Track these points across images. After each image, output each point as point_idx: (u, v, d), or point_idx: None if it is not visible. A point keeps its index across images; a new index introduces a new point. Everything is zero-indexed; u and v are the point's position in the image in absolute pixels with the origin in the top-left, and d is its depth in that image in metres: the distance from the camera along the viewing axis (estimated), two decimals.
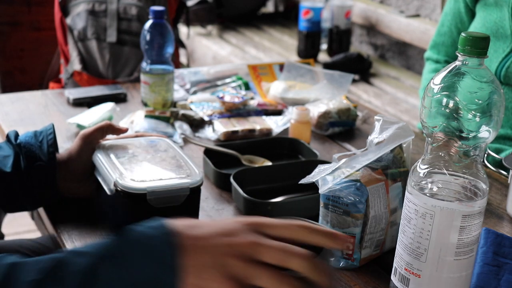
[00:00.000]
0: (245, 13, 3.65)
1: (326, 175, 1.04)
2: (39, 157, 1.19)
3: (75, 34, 2.44)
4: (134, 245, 0.74)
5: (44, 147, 1.20)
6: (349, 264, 1.07)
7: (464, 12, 1.77)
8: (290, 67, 1.88)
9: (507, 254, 1.08)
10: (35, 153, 1.19)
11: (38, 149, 1.19)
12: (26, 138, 1.21)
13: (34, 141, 1.21)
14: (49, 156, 1.19)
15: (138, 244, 0.74)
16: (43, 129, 1.24)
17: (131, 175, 1.11)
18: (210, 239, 0.75)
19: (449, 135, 0.89)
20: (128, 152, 1.20)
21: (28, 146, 1.20)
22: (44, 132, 1.23)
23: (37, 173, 1.18)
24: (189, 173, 1.13)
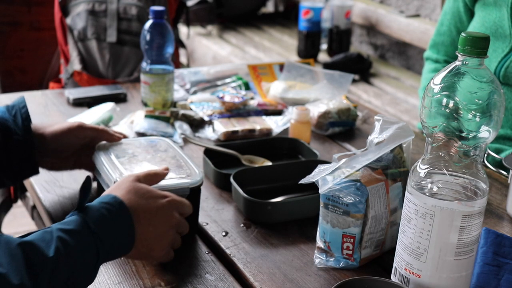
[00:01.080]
0: (245, 13, 3.65)
1: (326, 175, 1.04)
2: (15, 131, 1.17)
3: (75, 34, 2.44)
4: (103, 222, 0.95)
5: (18, 120, 1.19)
6: (349, 264, 1.07)
7: (463, 11, 1.77)
8: (290, 67, 1.88)
9: (507, 254, 1.08)
10: (10, 128, 1.18)
11: (12, 123, 1.18)
12: (0, 113, 1.20)
13: (7, 115, 1.19)
14: (25, 130, 1.18)
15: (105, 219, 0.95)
16: (15, 103, 1.23)
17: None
18: (154, 216, 1.01)
19: (449, 135, 0.89)
20: (128, 152, 1.20)
21: (3, 121, 1.18)
22: (16, 106, 1.21)
23: (14, 147, 1.17)
24: (189, 173, 1.13)
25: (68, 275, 0.89)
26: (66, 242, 0.89)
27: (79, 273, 0.91)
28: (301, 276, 1.06)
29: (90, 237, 0.92)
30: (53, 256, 0.87)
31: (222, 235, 1.17)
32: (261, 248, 1.14)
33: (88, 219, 0.93)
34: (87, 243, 0.92)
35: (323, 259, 1.08)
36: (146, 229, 1.00)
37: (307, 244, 1.15)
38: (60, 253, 0.88)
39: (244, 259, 1.10)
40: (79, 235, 0.91)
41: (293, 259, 1.10)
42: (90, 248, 0.92)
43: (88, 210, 0.95)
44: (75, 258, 0.90)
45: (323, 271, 1.07)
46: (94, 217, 0.94)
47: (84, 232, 0.92)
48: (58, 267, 0.87)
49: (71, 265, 0.89)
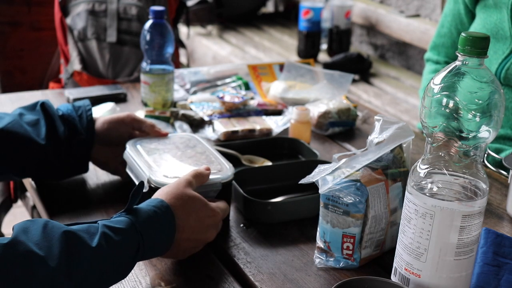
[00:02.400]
0: (245, 13, 3.65)
1: (326, 175, 1.04)
2: (80, 130, 1.24)
3: (75, 34, 2.44)
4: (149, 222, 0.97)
5: (83, 121, 1.25)
6: (349, 264, 1.07)
7: (464, 13, 1.77)
8: (290, 67, 1.88)
9: (507, 254, 1.08)
10: (77, 126, 1.24)
11: (78, 122, 1.24)
12: (67, 110, 1.26)
13: (74, 114, 1.25)
14: (89, 131, 1.25)
15: (151, 222, 0.98)
16: (81, 104, 1.28)
17: (163, 172, 1.14)
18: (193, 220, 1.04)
19: (449, 135, 0.89)
20: (159, 149, 1.23)
21: (71, 118, 1.24)
22: (82, 107, 1.27)
23: (76, 146, 1.23)
24: (220, 168, 1.17)
25: (105, 268, 0.91)
26: (110, 238, 0.92)
27: (116, 268, 0.93)
28: (301, 276, 1.06)
29: (134, 237, 0.95)
30: (95, 247, 0.89)
31: (222, 235, 1.17)
32: (261, 248, 1.14)
33: (135, 221, 0.96)
34: (131, 242, 0.94)
35: (323, 259, 1.08)
36: (184, 238, 1.03)
37: (307, 244, 1.15)
38: (102, 246, 0.90)
39: (244, 259, 1.10)
40: (124, 234, 0.94)
41: (293, 259, 1.10)
42: (132, 247, 0.94)
43: (137, 212, 0.97)
44: (115, 253, 0.92)
45: (323, 271, 1.07)
46: (141, 219, 0.97)
47: (130, 231, 0.94)
48: (97, 260, 0.89)
49: (110, 259, 0.91)
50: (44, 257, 0.84)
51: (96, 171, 1.36)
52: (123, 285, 1.02)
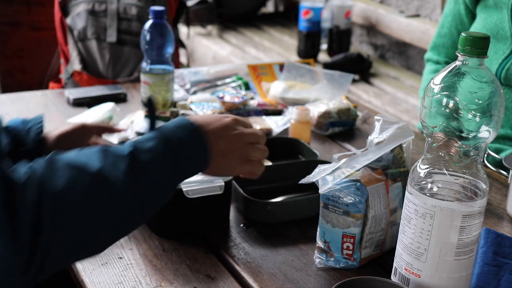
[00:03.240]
0: (245, 13, 3.65)
1: (326, 175, 1.04)
2: (25, 142, 1.20)
3: (75, 34, 2.44)
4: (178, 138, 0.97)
5: (31, 134, 1.21)
6: (349, 264, 1.07)
7: (464, 13, 1.77)
8: (290, 67, 1.88)
9: (507, 254, 1.08)
10: (22, 138, 1.20)
11: (25, 135, 1.20)
12: (15, 123, 1.22)
13: (21, 127, 1.22)
14: (34, 144, 1.20)
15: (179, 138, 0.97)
16: (33, 118, 1.25)
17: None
18: (224, 132, 1.03)
19: (449, 135, 0.89)
20: None
21: (15, 131, 1.21)
22: (33, 121, 1.24)
23: (22, 158, 1.14)
24: None
25: (146, 178, 0.91)
26: (142, 149, 0.92)
27: (157, 182, 0.93)
28: (301, 276, 1.06)
29: (166, 147, 0.94)
30: (128, 153, 0.90)
31: (222, 235, 1.17)
32: (261, 248, 1.14)
33: (163, 134, 0.96)
34: (164, 152, 0.94)
35: (323, 259, 1.08)
36: (219, 144, 1.02)
37: (307, 244, 1.15)
38: (137, 150, 0.91)
39: (244, 259, 1.10)
40: (156, 143, 0.94)
41: (293, 259, 1.10)
42: (167, 157, 0.94)
43: (163, 129, 0.98)
44: (152, 161, 0.92)
45: (323, 271, 1.07)
46: (168, 132, 0.96)
47: (160, 142, 0.94)
48: (135, 166, 0.90)
49: (149, 167, 0.91)
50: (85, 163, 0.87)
51: None
52: (123, 285, 1.02)
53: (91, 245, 0.89)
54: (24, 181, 0.83)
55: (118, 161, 0.90)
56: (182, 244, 1.14)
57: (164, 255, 1.11)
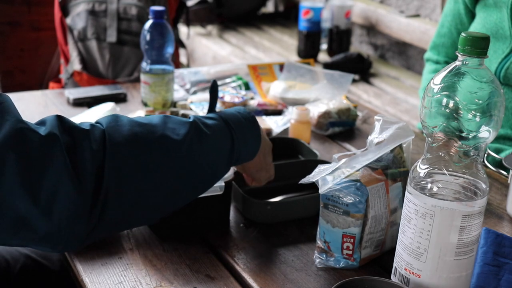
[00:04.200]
0: (245, 13, 3.65)
1: (326, 175, 1.04)
2: None
3: (75, 34, 2.44)
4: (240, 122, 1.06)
5: None
6: (349, 264, 1.07)
7: (464, 13, 1.77)
8: (290, 67, 1.88)
9: (507, 254, 1.08)
10: None
11: None
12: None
13: None
14: None
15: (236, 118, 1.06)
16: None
17: None
18: (265, 135, 1.12)
19: (449, 135, 0.89)
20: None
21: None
22: None
23: None
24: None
25: (204, 146, 0.97)
26: (204, 122, 1.00)
27: (213, 154, 0.99)
28: (301, 276, 1.06)
29: (226, 127, 1.02)
30: (191, 122, 0.98)
31: (222, 235, 1.17)
32: (261, 248, 1.14)
33: (223, 116, 1.04)
34: (224, 130, 1.02)
35: (323, 259, 1.08)
36: (264, 143, 1.11)
37: (307, 244, 1.15)
38: (199, 122, 0.99)
39: (244, 259, 1.10)
40: (217, 122, 1.02)
41: (293, 259, 1.10)
42: (226, 136, 1.02)
43: (223, 112, 1.06)
44: (212, 134, 0.99)
45: (323, 271, 1.07)
46: (229, 115, 1.05)
47: (221, 122, 1.02)
48: (195, 134, 0.96)
49: (207, 138, 0.98)
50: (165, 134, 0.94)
51: None
52: (123, 285, 1.02)
53: (147, 204, 0.93)
54: (89, 129, 0.88)
55: (180, 126, 0.96)
56: (182, 244, 1.14)
57: (164, 255, 1.11)
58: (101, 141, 0.88)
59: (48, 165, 0.82)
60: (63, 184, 0.83)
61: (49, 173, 0.82)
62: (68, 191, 0.83)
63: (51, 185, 0.82)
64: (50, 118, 0.88)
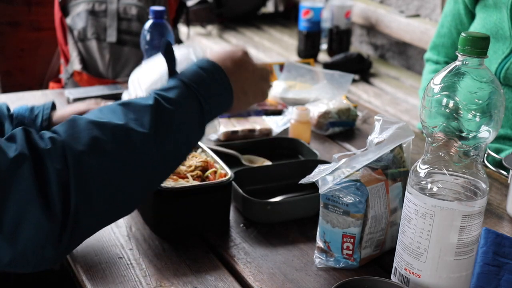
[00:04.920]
0: (245, 13, 3.65)
1: (326, 175, 1.04)
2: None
3: (75, 34, 2.44)
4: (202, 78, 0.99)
5: (38, 121, 1.18)
6: (349, 264, 1.07)
7: (464, 13, 1.77)
8: (290, 67, 1.88)
9: (507, 254, 1.08)
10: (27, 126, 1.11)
11: (31, 122, 1.17)
12: (21, 110, 1.19)
13: (28, 114, 1.19)
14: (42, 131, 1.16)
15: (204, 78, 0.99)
16: (42, 105, 1.22)
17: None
18: (240, 69, 1.06)
19: (449, 135, 0.89)
20: None
21: (21, 117, 1.18)
22: (40, 107, 1.21)
23: None
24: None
25: (172, 126, 0.91)
26: (165, 97, 0.93)
27: (186, 130, 0.94)
28: (301, 276, 1.06)
29: (190, 92, 0.96)
30: (152, 105, 0.90)
31: (222, 235, 1.17)
32: (261, 248, 1.14)
33: (185, 79, 0.97)
34: (188, 97, 0.95)
35: (323, 259, 1.08)
36: (239, 82, 1.05)
37: (307, 244, 1.15)
38: (161, 99, 0.92)
39: (244, 259, 1.10)
40: (179, 90, 0.95)
41: (293, 259, 1.10)
42: (192, 102, 0.95)
43: (184, 73, 0.99)
44: (179, 110, 0.93)
45: (323, 271, 1.07)
46: (190, 76, 0.98)
47: (183, 88, 0.96)
48: (159, 117, 0.90)
49: (174, 115, 0.92)
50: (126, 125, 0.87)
51: None
52: (123, 285, 1.02)
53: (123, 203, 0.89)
54: (50, 148, 0.81)
55: (142, 112, 0.89)
56: (182, 244, 1.14)
57: (164, 255, 1.11)
58: (62, 156, 0.82)
59: (14, 188, 0.77)
60: (30, 208, 0.78)
61: (15, 196, 0.77)
62: (35, 216, 0.78)
63: (16, 210, 0.77)
64: (19, 134, 0.83)
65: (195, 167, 1.21)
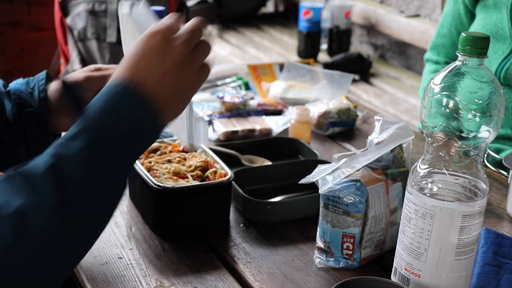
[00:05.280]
0: (245, 13, 3.65)
1: (326, 175, 1.04)
2: (30, 103, 1.13)
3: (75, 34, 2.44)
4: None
5: (35, 93, 1.15)
6: (349, 264, 1.07)
7: (464, 13, 1.77)
8: (290, 67, 1.88)
9: (507, 254, 1.08)
10: (25, 100, 1.13)
11: (28, 95, 1.14)
12: (17, 85, 1.17)
13: (25, 88, 1.16)
14: (40, 103, 1.13)
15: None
16: (35, 77, 1.19)
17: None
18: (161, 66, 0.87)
19: (449, 135, 0.89)
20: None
21: (18, 92, 1.15)
22: (36, 79, 1.18)
23: (28, 120, 1.12)
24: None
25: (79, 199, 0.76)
26: (67, 154, 0.76)
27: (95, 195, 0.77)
28: (301, 276, 1.06)
29: (99, 137, 0.79)
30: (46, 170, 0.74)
31: (222, 235, 1.17)
32: (261, 248, 1.14)
33: (91, 120, 0.80)
34: (98, 146, 0.78)
35: (323, 259, 1.08)
36: (162, 91, 0.86)
37: (307, 244, 1.15)
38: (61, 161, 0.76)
39: (244, 259, 1.10)
40: (83, 135, 0.78)
41: (293, 259, 1.10)
42: (102, 151, 0.79)
43: (89, 109, 0.82)
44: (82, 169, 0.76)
45: (323, 271, 1.07)
46: (97, 112, 0.81)
47: (89, 133, 0.79)
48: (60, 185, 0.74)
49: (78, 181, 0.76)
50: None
51: None
52: (123, 285, 1.02)
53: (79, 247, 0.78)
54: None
55: (39, 192, 0.73)
56: (182, 244, 1.14)
57: (164, 255, 1.11)
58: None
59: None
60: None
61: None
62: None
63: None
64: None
65: (195, 167, 1.21)
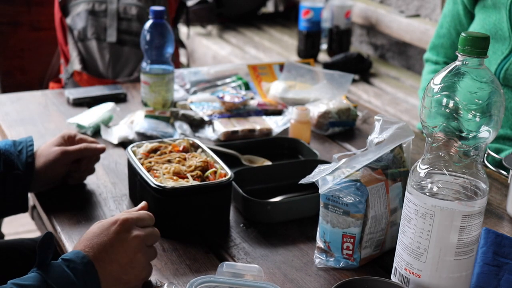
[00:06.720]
0: (245, 13, 3.65)
1: (326, 175, 1.04)
2: (17, 166, 1.20)
3: (75, 34, 2.44)
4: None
5: (23, 156, 1.22)
6: (349, 264, 1.07)
7: (463, 14, 1.77)
8: (290, 67, 1.88)
9: (507, 254, 1.08)
10: (14, 162, 1.20)
11: (16, 157, 1.21)
12: (6, 145, 1.22)
13: (13, 149, 1.22)
14: (27, 166, 1.21)
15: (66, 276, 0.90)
16: (23, 139, 1.26)
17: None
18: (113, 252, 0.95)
19: (449, 135, 0.89)
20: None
21: (7, 153, 1.21)
22: (24, 143, 1.25)
23: (12, 182, 1.19)
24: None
25: None
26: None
27: None
28: (301, 276, 1.06)
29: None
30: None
31: (222, 235, 1.17)
32: (261, 248, 1.14)
33: (48, 277, 0.88)
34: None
35: (323, 259, 1.08)
36: (111, 269, 0.94)
37: (307, 244, 1.15)
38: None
39: (244, 259, 1.10)
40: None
41: (293, 259, 1.10)
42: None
43: (50, 268, 0.89)
44: None
45: (323, 271, 1.07)
46: (54, 273, 0.89)
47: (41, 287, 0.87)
48: None
49: None
50: None
51: (96, 171, 1.36)
52: None
53: None
54: None
55: None
56: (182, 244, 1.14)
57: (164, 255, 1.11)
58: None
59: None
60: None
61: None
62: None
63: None
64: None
65: (195, 167, 1.21)
